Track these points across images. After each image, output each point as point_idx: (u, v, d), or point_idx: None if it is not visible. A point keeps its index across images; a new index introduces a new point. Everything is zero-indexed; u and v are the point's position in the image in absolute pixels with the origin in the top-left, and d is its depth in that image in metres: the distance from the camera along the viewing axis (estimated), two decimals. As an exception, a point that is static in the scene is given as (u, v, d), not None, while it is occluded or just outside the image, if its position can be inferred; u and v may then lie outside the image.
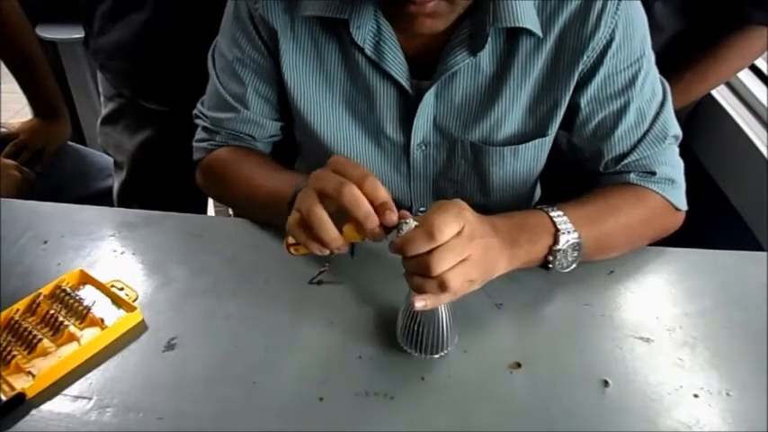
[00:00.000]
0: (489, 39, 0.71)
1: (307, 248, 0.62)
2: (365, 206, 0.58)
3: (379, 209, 0.58)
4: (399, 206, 0.60)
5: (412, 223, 0.58)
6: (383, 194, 0.59)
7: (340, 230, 0.60)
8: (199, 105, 0.90)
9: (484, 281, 0.64)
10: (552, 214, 0.70)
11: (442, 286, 0.58)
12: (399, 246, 0.58)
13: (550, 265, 0.71)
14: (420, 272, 0.58)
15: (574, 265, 0.72)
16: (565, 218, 0.70)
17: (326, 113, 0.80)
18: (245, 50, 0.80)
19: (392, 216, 0.58)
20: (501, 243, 0.65)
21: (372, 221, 0.58)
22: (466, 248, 0.59)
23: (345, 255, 0.62)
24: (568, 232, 0.70)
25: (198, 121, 0.90)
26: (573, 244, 0.70)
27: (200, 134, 0.90)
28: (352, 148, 0.81)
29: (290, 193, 0.70)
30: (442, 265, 0.57)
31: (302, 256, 0.66)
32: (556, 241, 0.69)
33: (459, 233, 0.58)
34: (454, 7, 0.65)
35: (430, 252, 0.57)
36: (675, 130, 0.80)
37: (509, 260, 0.67)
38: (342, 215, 0.60)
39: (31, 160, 1.26)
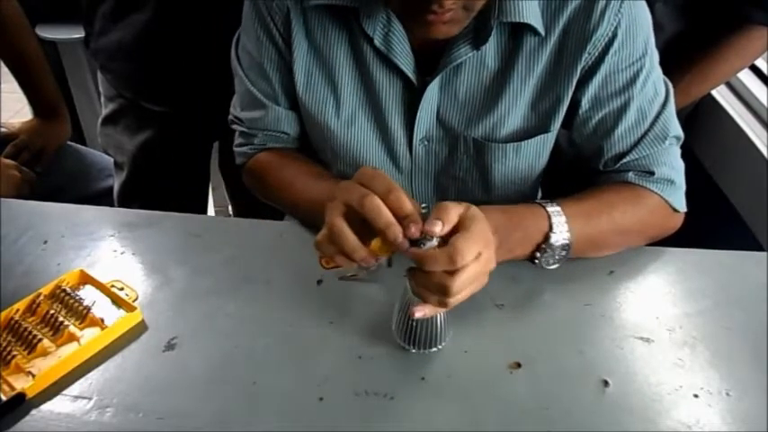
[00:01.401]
0: (493, 34, 0.72)
1: (335, 262, 0.63)
2: (386, 216, 0.58)
3: (403, 222, 0.58)
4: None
5: (434, 241, 0.58)
6: (408, 207, 0.59)
7: (367, 245, 0.60)
8: (232, 110, 0.91)
9: None
10: (550, 210, 0.71)
11: (446, 301, 0.58)
12: (420, 258, 0.58)
13: (536, 261, 0.72)
14: (436, 290, 0.58)
15: (558, 264, 0.73)
16: (562, 218, 0.70)
17: (331, 106, 0.80)
18: (266, 46, 0.81)
19: (416, 229, 0.58)
20: (497, 245, 0.65)
21: (394, 232, 0.58)
22: (480, 271, 0.59)
23: (382, 264, 0.62)
24: (560, 232, 0.70)
25: (234, 127, 0.91)
26: (562, 244, 0.71)
27: (238, 139, 0.91)
28: (356, 143, 0.81)
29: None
30: (461, 287, 0.57)
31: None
32: (546, 240, 0.70)
33: (476, 257, 0.58)
34: (470, 13, 0.66)
35: (450, 273, 0.57)
36: (677, 130, 0.79)
37: (498, 258, 0.67)
38: (372, 229, 0.60)
39: (31, 160, 1.26)
